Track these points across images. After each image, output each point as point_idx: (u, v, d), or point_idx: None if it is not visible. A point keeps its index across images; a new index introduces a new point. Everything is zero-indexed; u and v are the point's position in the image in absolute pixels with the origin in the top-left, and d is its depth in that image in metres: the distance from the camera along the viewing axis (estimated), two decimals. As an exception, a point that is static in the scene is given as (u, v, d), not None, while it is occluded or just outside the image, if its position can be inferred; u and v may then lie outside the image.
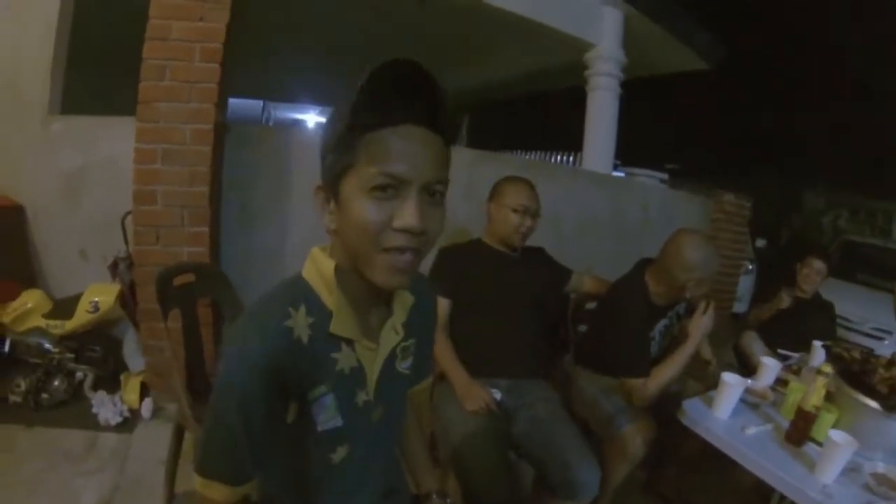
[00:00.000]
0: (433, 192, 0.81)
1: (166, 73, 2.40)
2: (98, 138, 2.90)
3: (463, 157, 3.85)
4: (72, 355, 2.65)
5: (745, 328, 3.46)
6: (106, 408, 2.53)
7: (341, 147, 0.79)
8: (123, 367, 2.72)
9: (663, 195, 5.52)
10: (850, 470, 1.57)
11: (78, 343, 2.66)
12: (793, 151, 15.33)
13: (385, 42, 6.01)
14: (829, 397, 1.77)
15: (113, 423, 2.51)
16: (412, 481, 1.24)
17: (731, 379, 1.85)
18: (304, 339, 0.84)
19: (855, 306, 5.33)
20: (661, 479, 2.50)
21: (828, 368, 1.73)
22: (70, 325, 2.56)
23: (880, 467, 1.59)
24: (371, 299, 0.92)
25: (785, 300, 3.40)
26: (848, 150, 13.99)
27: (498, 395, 1.96)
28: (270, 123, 14.59)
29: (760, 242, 7.79)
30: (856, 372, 1.86)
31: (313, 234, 2.77)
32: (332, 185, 0.81)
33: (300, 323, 0.84)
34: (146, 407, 2.59)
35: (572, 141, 5.90)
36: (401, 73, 0.75)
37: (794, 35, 13.58)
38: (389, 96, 0.75)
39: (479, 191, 2.44)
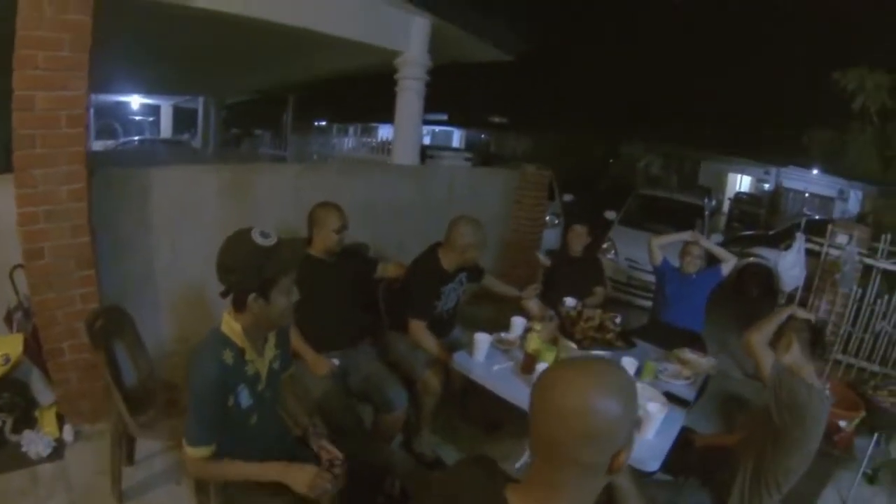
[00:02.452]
0: None
1: (37, 141, 2.64)
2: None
3: (288, 172, 4.47)
4: (-16, 408, 2.84)
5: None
6: (35, 443, 2.83)
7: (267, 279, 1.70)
8: (33, 405, 3.00)
9: (467, 174, 6.54)
10: None
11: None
12: (611, 109, 17.04)
13: (214, 47, 6.30)
14: (556, 342, 2.87)
15: (45, 454, 2.81)
16: (292, 424, 2.15)
17: (479, 336, 2.86)
18: (230, 363, 1.73)
19: (641, 250, 6.21)
20: (470, 408, 3.53)
21: (538, 326, 2.83)
22: (-11, 379, 2.76)
23: None
24: (261, 338, 1.86)
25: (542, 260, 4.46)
26: (660, 106, 15.92)
27: (336, 361, 2.85)
28: (91, 111, 14.05)
29: (567, 197, 8.89)
30: (567, 325, 2.98)
31: (174, 257, 3.50)
32: (264, 293, 1.70)
33: (228, 356, 1.73)
34: (68, 432, 2.96)
35: (387, 113, 6.57)
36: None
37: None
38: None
39: (304, 197, 3.03)
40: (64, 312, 2.90)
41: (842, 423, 3.12)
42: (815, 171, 15.28)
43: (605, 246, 7.13)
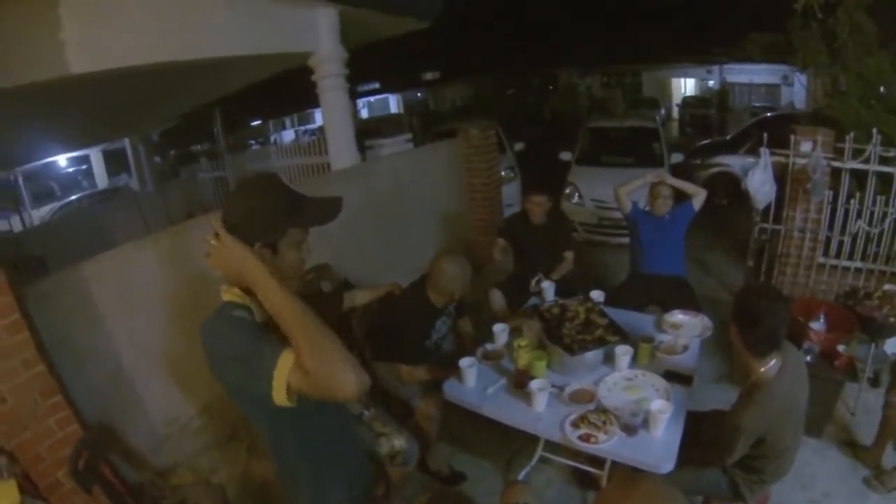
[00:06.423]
0: None
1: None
2: None
3: None
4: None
5: (490, 287, 4.17)
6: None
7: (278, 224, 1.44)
8: None
9: (409, 159, 6.21)
10: (559, 391, 2.53)
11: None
12: (544, 40, 16.73)
13: (121, 94, 6.02)
14: (542, 345, 2.76)
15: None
16: None
17: (464, 362, 2.72)
18: (247, 317, 1.41)
19: (604, 188, 6.01)
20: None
21: (524, 342, 2.67)
22: (-5, 537, 2.62)
23: (574, 386, 2.56)
24: None
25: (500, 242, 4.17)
26: (590, 29, 15.64)
27: None
28: (20, 181, 13.56)
29: (519, 146, 8.53)
30: (553, 326, 2.83)
31: (136, 348, 3.31)
32: (271, 241, 1.44)
33: (240, 312, 1.41)
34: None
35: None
36: None
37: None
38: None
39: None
40: (46, 446, 2.75)
41: (840, 348, 3.11)
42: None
43: (567, 191, 6.97)
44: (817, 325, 3.22)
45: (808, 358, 2.98)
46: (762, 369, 2.11)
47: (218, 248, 1.36)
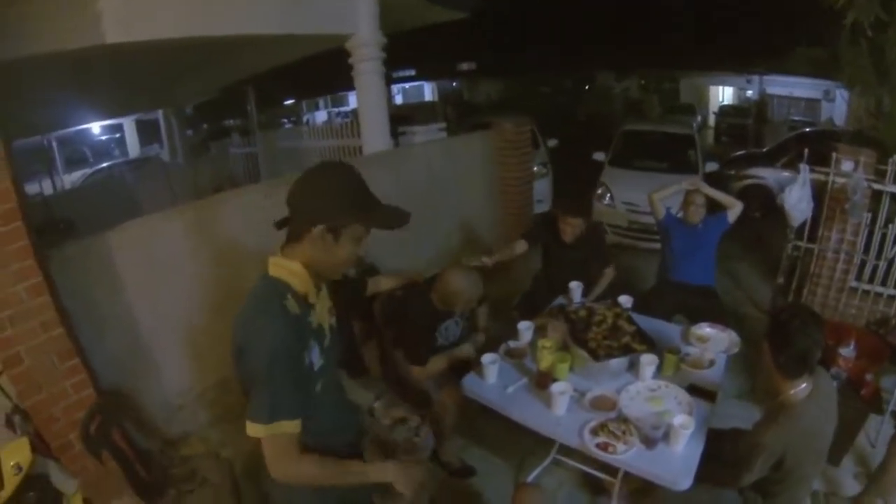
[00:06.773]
0: None
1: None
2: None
3: (256, 193, 4.06)
4: (15, 514, 2.74)
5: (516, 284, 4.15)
6: (72, 536, 2.70)
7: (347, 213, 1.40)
8: (59, 497, 2.79)
9: (443, 148, 6.17)
10: (580, 396, 2.47)
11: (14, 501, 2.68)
12: (581, 39, 16.55)
13: (157, 66, 6.04)
14: (567, 347, 2.70)
15: (83, 543, 2.70)
16: None
17: (486, 358, 2.69)
18: (297, 311, 1.40)
19: (636, 191, 6.04)
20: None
21: (548, 343, 2.61)
22: (5, 494, 2.58)
23: (596, 391, 2.50)
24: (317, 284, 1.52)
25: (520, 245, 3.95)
26: (628, 30, 15.43)
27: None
28: (54, 145, 13.83)
29: (552, 143, 8.45)
30: (579, 329, 2.76)
31: (157, 317, 3.34)
32: (335, 228, 1.38)
33: (291, 304, 1.39)
34: (98, 513, 2.83)
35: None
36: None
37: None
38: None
39: (280, 217, 2.85)
40: (61, 408, 2.79)
41: (868, 377, 3.01)
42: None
43: (599, 191, 6.88)
44: (847, 351, 3.12)
45: (835, 384, 2.88)
46: (791, 391, 2.05)
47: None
